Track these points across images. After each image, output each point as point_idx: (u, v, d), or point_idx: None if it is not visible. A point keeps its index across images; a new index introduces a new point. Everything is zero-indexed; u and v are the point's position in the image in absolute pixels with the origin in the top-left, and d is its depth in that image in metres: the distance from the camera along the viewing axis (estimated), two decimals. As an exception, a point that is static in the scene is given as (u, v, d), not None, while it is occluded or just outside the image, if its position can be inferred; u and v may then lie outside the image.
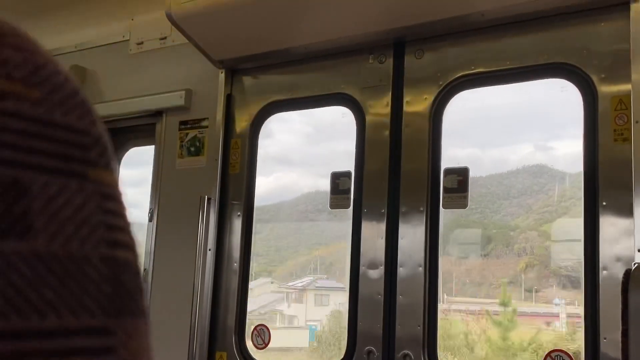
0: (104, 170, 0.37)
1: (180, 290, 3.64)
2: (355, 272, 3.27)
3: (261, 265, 4.11)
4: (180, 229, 3.77)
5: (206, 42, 3.61)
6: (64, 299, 0.32)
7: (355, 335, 3.21)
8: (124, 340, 0.35)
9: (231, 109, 3.79)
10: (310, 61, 3.59)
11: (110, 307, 0.35)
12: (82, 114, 0.37)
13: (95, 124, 0.38)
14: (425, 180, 3.16)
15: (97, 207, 0.35)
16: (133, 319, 0.36)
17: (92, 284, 0.34)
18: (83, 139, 0.36)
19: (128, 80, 4.15)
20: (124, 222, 0.38)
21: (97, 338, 0.33)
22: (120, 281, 0.36)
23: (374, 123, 3.35)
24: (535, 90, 3.15)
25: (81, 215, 0.34)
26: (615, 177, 2.72)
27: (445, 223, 3.22)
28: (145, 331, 0.37)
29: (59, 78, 0.36)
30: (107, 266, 0.35)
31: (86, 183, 0.35)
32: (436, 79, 3.22)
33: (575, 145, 2.88)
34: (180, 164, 3.88)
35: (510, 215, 3.63)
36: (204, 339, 3.54)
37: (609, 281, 2.65)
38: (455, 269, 3.55)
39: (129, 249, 0.37)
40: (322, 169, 3.80)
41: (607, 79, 2.80)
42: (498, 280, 3.42)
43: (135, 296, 0.37)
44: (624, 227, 2.68)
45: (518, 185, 3.55)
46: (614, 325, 2.43)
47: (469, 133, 3.51)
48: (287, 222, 4.37)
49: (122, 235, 0.37)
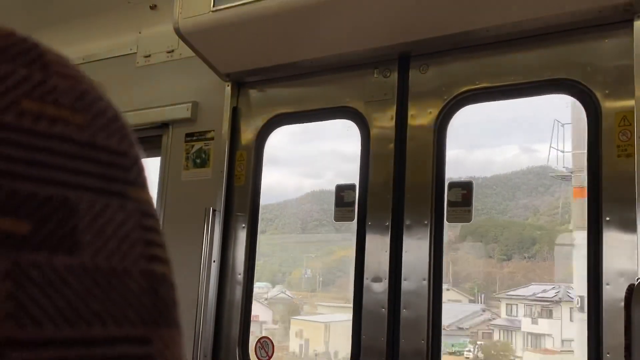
0: (141, 189, 0.39)
1: (184, 302, 3.64)
2: (359, 285, 3.28)
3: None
4: (185, 240, 3.79)
5: (213, 55, 3.65)
6: (108, 310, 0.34)
7: (359, 348, 3.22)
8: (161, 348, 0.37)
9: (237, 122, 3.82)
10: (316, 75, 3.62)
11: (149, 317, 0.37)
12: (122, 137, 0.39)
13: (134, 147, 0.40)
14: (429, 193, 3.18)
15: (136, 224, 0.38)
16: (169, 329, 0.38)
17: (132, 296, 0.36)
18: (123, 161, 0.39)
19: (135, 92, 4.19)
20: (160, 238, 0.40)
21: (137, 346, 0.36)
22: (157, 293, 0.38)
23: (379, 136, 3.37)
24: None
25: (122, 231, 0.37)
26: (618, 192, 2.74)
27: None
28: (179, 341, 0.39)
29: (102, 104, 0.39)
30: (146, 279, 0.37)
31: (127, 201, 0.38)
32: (441, 93, 3.24)
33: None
34: (186, 176, 3.90)
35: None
36: (208, 351, 3.55)
37: (612, 296, 2.66)
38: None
39: (165, 264, 0.40)
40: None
41: (611, 95, 2.82)
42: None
43: (171, 308, 0.39)
44: (628, 242, 2.69)
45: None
46: (617, 340, 2.44)
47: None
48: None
49: (158, 251, 0.39)
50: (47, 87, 0.36)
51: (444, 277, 3.15)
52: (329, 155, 3.70)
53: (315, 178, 4.45)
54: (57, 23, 4.37)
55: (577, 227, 3.33)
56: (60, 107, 0.36)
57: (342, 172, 3.49)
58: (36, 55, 0.37)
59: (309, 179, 4.58)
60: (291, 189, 4.77)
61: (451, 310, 4.31)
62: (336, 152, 3.42)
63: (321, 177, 4.41)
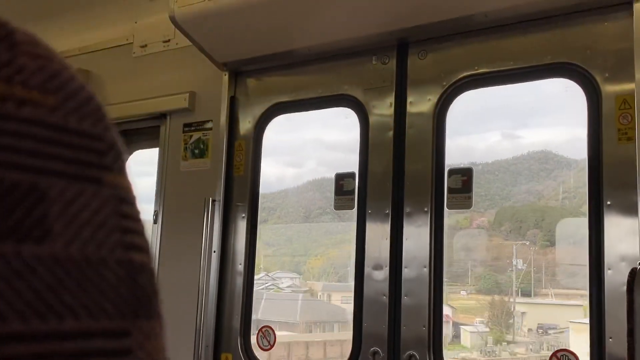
0: (118, 175, 0.38)
1: (185, 292, 3.65)
2: (360, 273, 3.27)
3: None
4: (185, 231, 3.78)
5: (209, 44, 3.62)
6: (81, 302, 0.33)
7: (360, 336, 3.21)
8: (140, 341, 0.35)
9: (235, 111, 3.80)
10: (314, 63, 3.60)
11: (127, 309, 0.35)
12: (96, 120, 0.38)
13: (110, 130, 0.39)
14: (429, 180, 3.16)
15: (113, 211, 0.36)
16: (149, 320, 0.37)
17: (109, 287, 0.34)
18: (98, 145, 0.37)
19: (132, 83, 4.17)
20: (139, 225, 0.38)
21: (114, 340, 0.34)
22: (136, 283, 0.36)
23: (378, 124, 3.35)
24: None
25: (98, 219, 0.35)
26: (619, 176, 2.72)
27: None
28: (160, 332, 0.38)
29: (74, 85, 0.37)
30: (124, 269, 0.36)
31: (102, 187, 0.36)
32: (440, 79, 3.22)
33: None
34: (185, 166, 3.89)
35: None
36: (210, 341, 3.55)
37: (614, 280, 2.65)
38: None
39: (144, 252, 0.38)
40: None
41: (611, 78, 2.80)
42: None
43: (151, 298, 0.37)
44: (629, 227, 2.68)
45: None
46: (619, 324, 2.43)
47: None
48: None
49: (137, 239, 0.37)
50: (15, 67, 0.34)
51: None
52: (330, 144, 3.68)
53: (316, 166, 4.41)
54: (53, 14, 4.34)
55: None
56: (29, 89, 0.34)
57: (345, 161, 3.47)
58: (3, 34, 0.35)
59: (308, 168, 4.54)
60: (290, 178, 4.75)
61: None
62: (336, 141, 3.41)
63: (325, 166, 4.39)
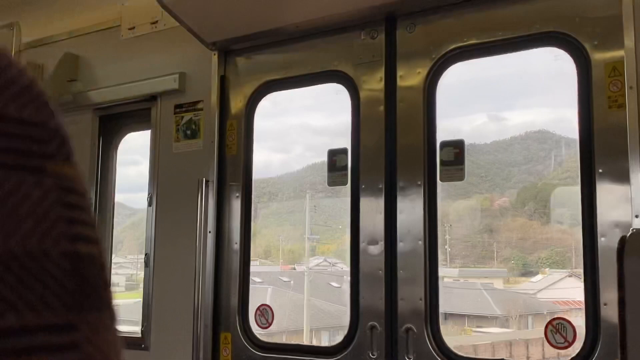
0: (63, 163, 0.37)
1: (182, 273, 3.66)
2: (355, 248, 3.28)
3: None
4: (179, 212, 3.78)
5: (197, 24, 3.59)
6: (22, 297, 0.32)
7: (357, 311, 3.23)
8: (88, 335, 0.35)
9: (225, 91, 3.78)
10: (303, 39, 3.57)
11: (73, 302, 0.34)
12: (38, 107, 0.37)
13: (53, 117, 0.38)
14: (421, 154, 3.15)
15: (56, 201, 0.35)
16: (98, 312, 0.36)
17: (52, 280, 0.34)
18: (40, 133, 0.36)
19: (121, 65, 4.14)
20: (87, 215, 0.37)
21: (60, 334, 0.33)
22: (83, 276, 0.36)
23: (369, 99, 3.34)
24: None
25: (39, 210, 0.34)
26: (610, 144, 2.71)
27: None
28: (110, 325, 0.37)
29: (13, 71, 0.36)
30: (69, 261, 0.35)
31: (44, 177, 0.35)
32: (429, 52, 3.20)
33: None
34: (177, 148, 3.87)
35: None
36: (208, 320, 3.57)
37: (607, 248, 2.65)
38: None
39: (92, 243, 0.37)
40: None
41: (600, 45, 2.78)
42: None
43: (100, 290, 0.37)
44: (621, 194, 2.68)
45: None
46: (613, 291, 2.44)
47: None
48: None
49: (84, 229, 0.37)
50: None
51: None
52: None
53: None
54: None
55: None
56: None
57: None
58: None
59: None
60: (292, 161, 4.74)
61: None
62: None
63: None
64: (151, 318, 3.79)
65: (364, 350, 3.17)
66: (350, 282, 3.30)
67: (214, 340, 3.58)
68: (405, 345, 3.07)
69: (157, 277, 3.81)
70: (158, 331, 3.77)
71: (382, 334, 3.13)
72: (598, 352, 2.66)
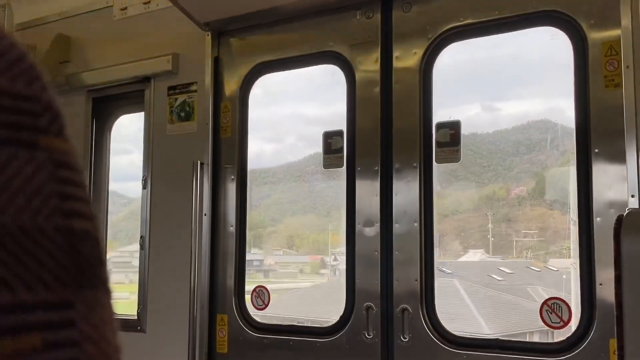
0: (56, 138, 0.36)
1: (178, 256, 3.66)
2: (351, 230, 3.28)
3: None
4: (174, 194, 3.77)
5: (190, 4, 3.55)
6: (16, 273, 0.31)
7: (353, 292, 3.24)
8: (84, 312, 0.34)
9: (219, 72, 3.75)
10: (298, 20, 3.54)
11: (68, 279, 0.34)
12: (29, 80, 0.35)
13: (46, 90, 0.36)
14: (417, 135, 3.14)
15: (49, 176, 0.34)
16: (93, 290, 0.35)
17: (47, 256, 0.33)
18: (32, 106, 0.35)
19: (114, 47, 4.10)
20: (81, 191, 0.36)
21: (55, 312, 0.33)
22: (77, 252, 0.35)
23: (364, 80, 3.32)
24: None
25: (32, 185, 0.33)
26: (607, 123, 2.71)
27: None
28: (106, 302, 0.36)
29: (3, 44, 0.35)
30: (63, 237, 0.34)
31: (37, 152, 0.34)
32: (425, 32, 3.18)
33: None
34: (171, 130, 3.85)
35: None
36: (204, 302, 3.57)
37: (603, 228, 2.66)
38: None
39: (87, 219, 0.36)
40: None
41: (597, 24, 2.76)
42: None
43: (95, 267, 0.36)
44: (617, 174, 2.68)
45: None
46: (609, 271, 2.45)
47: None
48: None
49: (78, 205, 0.36)
50: None
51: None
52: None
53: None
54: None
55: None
56: None
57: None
58: None
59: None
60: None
61: None
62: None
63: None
64: (147, 300, 3.79)
65: (360, 331, 3.18)
66: (346, 264, 3.30)
67: (210, 321, 3.59)
68: (400, 325, 3.08)
69: (152, 260, 3.81)
70: (154, 313, 3.77)
71: (378, 315, 3.14)
72: (593, 332, 2.67)
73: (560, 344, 2.77)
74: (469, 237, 3.74)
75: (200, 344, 3.53)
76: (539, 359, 2.78)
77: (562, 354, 2.74)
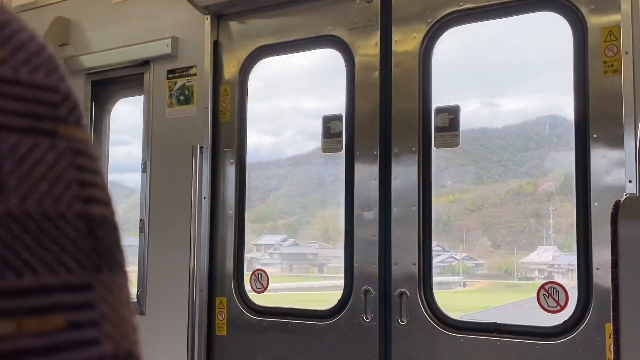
0: (74, 127, 0.37)
1: (177, 239, 3.67)
2: (350, 214, 3.29)
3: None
4: (174, 178, 3.78)
5: (189, -13, 3.54)
6: (40, 257, 0.33)
7: (352, 275, 3.26)
8: (103, 294, 0.35)
9: (219, 56, 3.75)
10: (297, 3, 3.53)
11: (88, 262, 0.35)
12: (49, 71, 0.37)
13: (64, 80, 0.38)
14: (416, 120, 3.15)
15: (69, 164, 0.36)
16: (111, 273, 0.37)
17: (68, 241, 0.34)
18: (52, 96, 0.36)
19: (113, 30, 4.09)
20: (98, 178, 0.38)
21: (76, 294, 0.34)
22: (96, 237, 0.36)
23: (364, 64, 3.32)
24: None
25: (54, 173, 0.35)
26: (605, 109, 2.72)
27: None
28: (124, 284, 0.38)
29: (23, 36, 0.36)
30: (83, 222, 0.35)
31: (57, 140, 0.35)
32: (425, 16, 3.17)
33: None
34: (171, 113, 3.85)
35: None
36: (204, 285, 3.59)
37: (600, 213, 2.68)
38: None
39: (105, 205, 0.38)
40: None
41: (597, 10, 2.76)
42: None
43: (113, 251, 0.37)
44: (615, 159, 2.69)
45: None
46: (605, 256, 2.47)
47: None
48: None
49: (96, 191, 0.37)
50: None
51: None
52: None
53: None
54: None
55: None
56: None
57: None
58: None
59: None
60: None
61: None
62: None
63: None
64: (147, 283, 3.81)
65: (358, 314, 3.21)
66: (345, 247, 3.32)
67: (209, 304, 3.61)
68: (398, 309, 3.11)
69: (152, 243, 3.82)
70: (154, 296, 3.80)
71: (376, 298, 3.17)
72: (590, 315, 2.70)
73: (556, 328, 2.80)
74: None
75: (200, 326, 3.56)
76: (536, 342, 2.81)
77: (558, 337, 2.77)
